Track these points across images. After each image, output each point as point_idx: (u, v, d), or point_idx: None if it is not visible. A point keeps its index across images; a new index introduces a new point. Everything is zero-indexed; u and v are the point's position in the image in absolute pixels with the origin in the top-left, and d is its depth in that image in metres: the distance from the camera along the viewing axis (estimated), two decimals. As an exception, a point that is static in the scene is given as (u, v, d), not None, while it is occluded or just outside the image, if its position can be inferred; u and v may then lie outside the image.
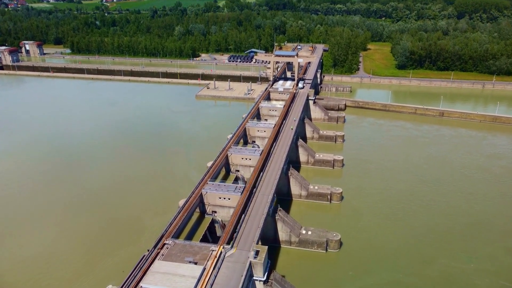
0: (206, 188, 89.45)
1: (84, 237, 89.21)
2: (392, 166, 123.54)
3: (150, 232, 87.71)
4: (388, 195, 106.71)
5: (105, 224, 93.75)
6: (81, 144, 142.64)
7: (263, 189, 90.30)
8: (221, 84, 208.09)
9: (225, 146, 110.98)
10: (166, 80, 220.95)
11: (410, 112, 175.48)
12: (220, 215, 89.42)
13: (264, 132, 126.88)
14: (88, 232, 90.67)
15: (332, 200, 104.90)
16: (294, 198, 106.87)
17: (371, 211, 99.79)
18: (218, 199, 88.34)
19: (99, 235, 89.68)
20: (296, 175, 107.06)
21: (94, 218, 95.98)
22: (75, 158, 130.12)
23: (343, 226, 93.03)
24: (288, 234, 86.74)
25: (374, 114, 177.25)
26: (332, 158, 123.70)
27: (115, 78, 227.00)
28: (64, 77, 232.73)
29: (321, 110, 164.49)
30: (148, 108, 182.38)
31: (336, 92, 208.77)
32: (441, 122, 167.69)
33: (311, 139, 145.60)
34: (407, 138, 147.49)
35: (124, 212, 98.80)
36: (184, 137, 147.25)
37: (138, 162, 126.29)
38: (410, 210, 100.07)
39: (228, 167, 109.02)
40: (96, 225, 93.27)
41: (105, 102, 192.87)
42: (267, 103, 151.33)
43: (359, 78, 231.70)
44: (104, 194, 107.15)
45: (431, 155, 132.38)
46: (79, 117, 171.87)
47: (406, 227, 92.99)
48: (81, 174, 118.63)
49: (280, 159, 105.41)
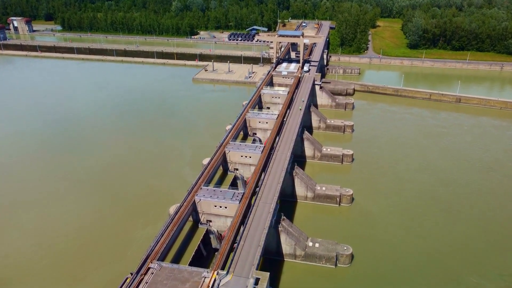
0: (199, 194, 78.51)
1: (60, 251, 79.12)
2: (406, 162, 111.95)
3: (137, 246, 77.30)
4: (404, 198, 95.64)
5: (87, 233, 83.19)
6: (64, 133, 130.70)
7: (265, 195, 79.38)
8: (220, 65, 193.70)
9: (222, 142, 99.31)
10: (161, 61, 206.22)
11: (424, 97, 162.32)
12: (216, 225, 78.98)
13: (266, 124, 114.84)
14: (63, 246, 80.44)
15: (342, 203, 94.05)
16: (299, 200, 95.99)
17: (385, 217, 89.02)
18: (213, 207, 77.58)
19: (76, 251, 78.70)
20: (302, 174, 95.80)
21: (72, 227, 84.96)
22: (59, 151, 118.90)
23: (354, 236, 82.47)
24: (292, 247, 76.30)
25: (385, 100, 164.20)
26: (341, 153, 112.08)
27: (107, 58, 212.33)
28: (53, 57, 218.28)
29: (328, 96, 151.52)
30: (140, 93, 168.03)
31: (344, 75, 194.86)
32: (458, 108, 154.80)
33: (317, 128, 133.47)
34: (422, 128, 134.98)
35: (110, 214, 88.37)
36: (179, 127, 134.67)
37: (126, 156, 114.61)
38: (429, 216, 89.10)
39: (226, 165, 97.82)
40: (73, 236, 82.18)
41: (94, 86, 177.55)
42: (269, 90, 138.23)
43: (368, 59, 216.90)
44: (87, 190, 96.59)
45: (449, 148, 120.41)
46: (62, 102, 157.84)
47: (427, 238, 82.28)
48: (64, 168, 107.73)
49: (284, 157, 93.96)
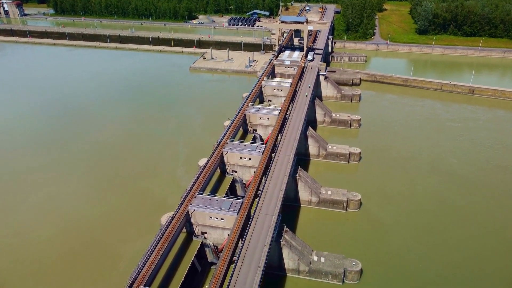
0: (194, 204, 71.30)
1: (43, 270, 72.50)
2: (417, 161, 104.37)
3: (125, 264, 70.21)
4: (416, 203, 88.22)
5: (69, 248, 76.22)
6: (48, 130, 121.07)
7: (266, 204, 72.13)
8: (219, 53, 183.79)
9: (220, 141, 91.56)
10: (157, 48, 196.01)
11: (435, 88, 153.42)
12: (212, 238, 72.06)
13: (267, 120, 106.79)
14: (43, 263, 73.59)
15: (349, 208, 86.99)
16: (302, 205, 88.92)
17: (396, 225, 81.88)
18: (208, 219, 70.51)
19: (55, 270, 71.38)
20: (306, 177, 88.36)
21: (53, 243, 76.15)
22: (45, 146, 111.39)
23: (362, 247, 75.60)
24: (296, 262, 69.54)
25: (394, 90, 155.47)
26: (347, 151, 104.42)
27: (100, 45, 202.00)
28: (44, 44, 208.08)
29: (334, 87, 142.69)
30: (133, 83, 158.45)
31: (349, 62, 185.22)
32: (471, 100, 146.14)
33: (322, 123, 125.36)
34: (434, 122, 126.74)
35: (96, 224, 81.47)
36: (174, 121, 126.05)
37: (116, 154, 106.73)
38: (444, 224, 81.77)
39: (224, 167, 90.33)
40: (53, 254, 73.70)
41: (84, 76, 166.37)
42: (271, 81, 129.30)
43: (374, 45, 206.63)
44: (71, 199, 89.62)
45: (463, 145, 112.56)
46: (46, 95, 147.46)
47: (445, 251, 74.91)
48: (52, 166, 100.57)
49: (287, 159, 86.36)
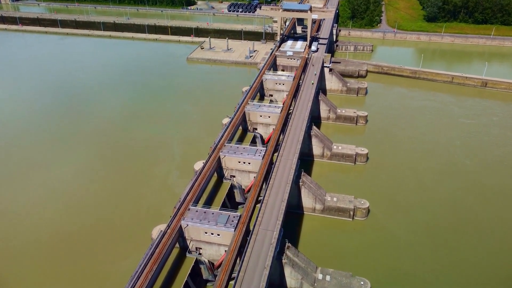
0: (187, 217, 64.97)
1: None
2: (429, 163, 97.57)
3: (115, 283, 64.19)
4: (429, 211, 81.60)
5: (50, 268, 69.86)
6: (24, 136, 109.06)
7: (266, 219, 65.74)
8: (218, 42, 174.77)
9: (217, 143, 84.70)
10: (153, 37, 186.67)
11: (446, 81, 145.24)
12: (207, 254, 65.99)
13: (269, 118, 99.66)
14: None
15: (356, 216, 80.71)
16: (306, 212, 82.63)
17: (408, 237, 75.38)
18: (203, 234, 64.26)
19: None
20: (310, 183, 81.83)
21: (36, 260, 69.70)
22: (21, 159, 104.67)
23: (372, 263, 69.37)
24: (299, 281, 63.46)
25: (402, 83, 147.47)
26: (354, 152, 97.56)
27: (93, 33, 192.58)
28: (35, 32, 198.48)
29: (339, 79, 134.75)
30: (127, 75, 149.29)
31: (355, 52, 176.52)
32: (484, 94, 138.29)
33: (326, 119, 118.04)
34: (445, 119, 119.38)
35: (80, 237, 75.34)
36: (169, 117, 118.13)
37: (105, 154, 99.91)
38: (464, 239, 74.78)
39: (221, 172, 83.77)
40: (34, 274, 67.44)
41: (73, 68, 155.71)
42: (272, 75, 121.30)
43: (381, 33, 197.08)
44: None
45: (477, 145, 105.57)
46: (30, 88, 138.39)
47: (463, 270, 68.53)
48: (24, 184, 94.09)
49: (289, 164, 79.65)
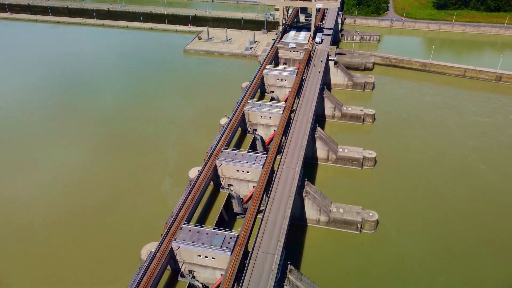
0: (179, 238, 58.75)
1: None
2: (441, 167, 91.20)
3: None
4: (444, 224, 75.29)
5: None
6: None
7: (266, 240, 59.51)
8: (217, 32, 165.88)
9: (213, 149, 77.94)
10: (149, 26, 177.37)
11: (457, 74, 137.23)
12: (201, 278, 60.07)
13: (270, 119, 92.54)
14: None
15: (363, 229, 74.60)
16: (309, 224, 76.58)
17: (419, 255, 69.31)
18: (197, 257, 58.15)
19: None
20: (314, 193, 75.43)
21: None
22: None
23: (381, 283, 63.64)
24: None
25: (411, 76, 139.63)
26: (361, 155, 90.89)
27: (86, 22, 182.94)
28: (25, 20, 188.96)
29: (344, 73, 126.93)
30: (120, 68, 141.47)
31: (361, 42, 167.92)
32: (498, 89, 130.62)
33: (331, 117, 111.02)
34: (457, 115, 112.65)
35: (63, 260, 69.62)
36: (162, 115, 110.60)
37: (95, 161, 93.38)
38: (484, 258, 68.93)
39: (218, 180, 77.26)
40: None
41: (62, 60, 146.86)
42: (273, 70, 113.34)
43: (388, 22, 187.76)
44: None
45: (494, 147, 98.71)
46: (12, 82, 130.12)
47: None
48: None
49: (292, 173, 73.13)
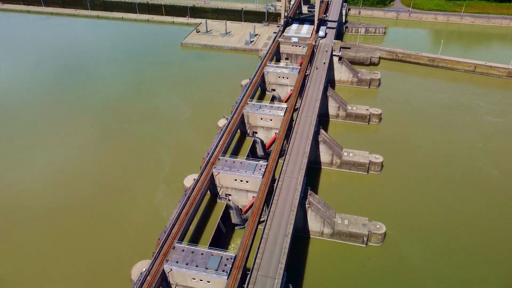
0: (172, 260, 54.26)
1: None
2: (450, 170, 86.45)
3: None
4: (456, 237, 70.67)
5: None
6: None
7: (266, 262, 54.98)
8: (216, 25, 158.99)
9: (210, 157, 73.00)
10: (145, 17, 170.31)
11: (467, 70, 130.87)
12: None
13: (270, 122, 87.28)
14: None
15: (370, 242, 70.11)
16: (312, 236, 72.16)
17: (432, 270, 65.03)
18: (190, 280, 53.72)
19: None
20: (317, 204, 70.68)
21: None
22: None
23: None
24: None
25: (418, 71, 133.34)
26: (367, 160, 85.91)
27: (80, 13, 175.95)
28: (16, 11, 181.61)
29: (349, 69, 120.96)
30: (113, 62, 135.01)
31: (366, 35, 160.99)
32: (510, 86, 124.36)
33: (335, 117, 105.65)
34: (467, 115, 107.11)
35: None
36: (157, 116, 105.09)
37: (85, 164, 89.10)
38: (497, 272, 64.88)
39: (215, 190, 72.54)
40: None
41: (52, 54, 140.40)
42: (275, 67, 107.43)
43: (394, 13, 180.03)
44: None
45: (504, 148, 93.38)
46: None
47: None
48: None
49: (295, 183, 68.36)
